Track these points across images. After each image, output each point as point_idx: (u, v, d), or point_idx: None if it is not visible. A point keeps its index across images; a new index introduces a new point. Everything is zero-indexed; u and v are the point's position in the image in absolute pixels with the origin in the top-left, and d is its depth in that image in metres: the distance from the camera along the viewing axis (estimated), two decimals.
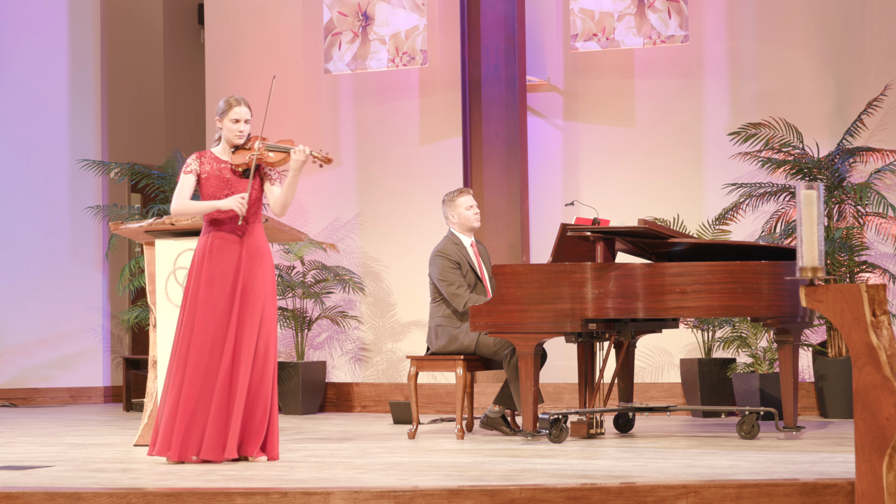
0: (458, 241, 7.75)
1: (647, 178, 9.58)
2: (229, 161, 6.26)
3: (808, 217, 4.75)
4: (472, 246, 7.78)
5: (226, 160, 6.27)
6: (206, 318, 6.12)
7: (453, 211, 7.76)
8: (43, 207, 11.44)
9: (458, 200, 7.76)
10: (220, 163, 6.26)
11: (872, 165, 8.94)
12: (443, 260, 7.66)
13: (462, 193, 7.78)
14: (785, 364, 6.98)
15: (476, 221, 7.79)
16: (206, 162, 6.25)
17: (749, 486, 4.78)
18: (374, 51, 9.91)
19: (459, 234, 7.78)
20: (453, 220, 7.77)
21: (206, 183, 6.23)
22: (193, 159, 6.27)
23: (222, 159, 6.27)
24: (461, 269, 7.66)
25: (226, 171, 6.24)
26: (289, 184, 6.22)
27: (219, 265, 6.17)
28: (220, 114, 6.26)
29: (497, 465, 5.82)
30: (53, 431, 8.33)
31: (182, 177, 6.24)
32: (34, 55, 11.50)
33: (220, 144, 6.31)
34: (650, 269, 6.88)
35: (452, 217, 7.77)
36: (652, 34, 9.30)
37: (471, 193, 7.82)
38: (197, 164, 6.25)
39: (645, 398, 9.27)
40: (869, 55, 9.22)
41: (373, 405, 10.00)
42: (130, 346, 11.92)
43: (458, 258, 7.67)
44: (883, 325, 4.61)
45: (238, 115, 6.24)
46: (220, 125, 6.28)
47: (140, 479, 5.53)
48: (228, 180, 6.23)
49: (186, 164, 6.26)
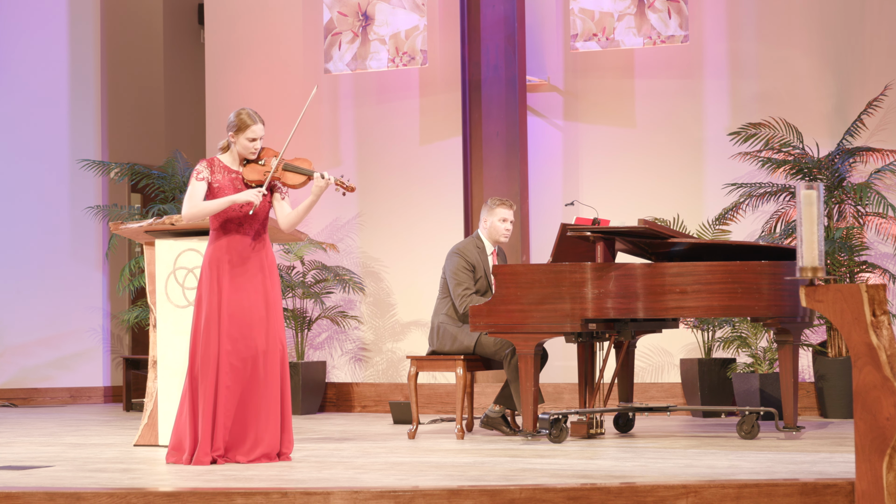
0: (481, 246, 7.76)
1: (647, 178, 9.58)
2: (240, 172, 6.22)
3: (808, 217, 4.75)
4: (493, 254, 7.79)
5: (237, 170, 6.22)
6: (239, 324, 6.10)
7: (489, 217, 7.76)
8: (43, 207, 11.44)
9: (498, 210, 7.75)
10: (230, 173, 6.20)
11: (872, 165, 8.94)
12: (460, 259, 7.67)
13: (503, 205, 7.76)
14: (785, 364, 6.98)
15: (504, 237, 7.76)
16: (217, 171, 6.19)
17: (749, 486, 4.78)
18: (374, 51, 9.91)
19: (485, 239, 7.79)
20: (485, 225, 7.78)
21: (220, 193, 6.17)
22: (204, 167, 6.19)
23: (233, 169, 6.22)
24: (475, 272, 7.67)
25: (238, 183, 6.18)
26: (306, 207, 6.19)
27: (242, 272, 6.14)
28: (235, 130, 6.16)
29: (497, 465, 5.82)
30: (53, 431, 8.33)
31: (194, 182, 6.16)
32: (34, 55, 11.49)
33: (229, 154, 6.24)
34: (650, 269, 6.89)
35: (486, 222, 7.77)
36: (652, 34, 9.30)
37: (512, 209, 7.79)
38: (208, 172, 6.18)
39: (645, 398, 9.27)
40: (869, 55, 9.22)
41: (373, 405, 10.00)
42: (130, 346, 11.92)
43: (475, 261, 7.68)
44: (883, 325, 4.61)
45: (255, 134, 6.16)
46: (234, 140, 6.18)
47: (140, 479, 5.54)
48: (238, 191, 6.19)
49: (197, 171, 6.18)
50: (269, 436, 6.13)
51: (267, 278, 6.22)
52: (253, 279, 6.18)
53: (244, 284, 6.15)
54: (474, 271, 7.66)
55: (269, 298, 6.20)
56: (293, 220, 6.24)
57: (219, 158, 6.25)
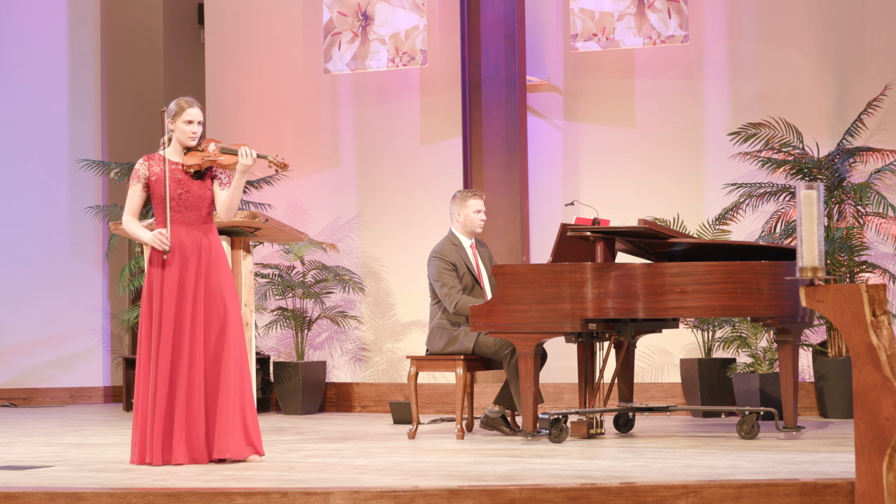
0: (458, 243, 7.75)
1: (647, 178, 9.58)
2: (181, 162, 6.24)
3: (808, 217, 4.75)
4: (471, 247, 7.78)
5: (177, 161, 6.24)
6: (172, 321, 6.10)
7: (461, 210, 7.75)
8: (43, 207, 11.43)
9: (470, 202, 7.75)
10: (171, 164, 6.23)
11: (872, 165, 8.94)
12: (439, 261, 7.66)
13: (475, 196, 7.77)
14: (785, 364, 6.98)
15: (480, 227, 7.79)
16: (156, 164, 6.21)
17: (749, 486, 4.78)
18: (374, 51, 9.91)
19: (460, 234, 7.78)
20: (458, 219, 7.77)
21: (157, 186, 6.18)
22: (142, 164, 6.21)
23: (174, 161, 6.24)
24: (457, 271, 7.66)
25: (177, 173, 6.20)
26: (234, 187, 6.19)
27: (176, 267, 6.15)
28: (172, 116, 6.21)
29: (497, 465, 5.82)
30: (53, 431, 8.33)
31: (130, 189, 6.22)
32: (34, 56, 11.49)
33: (172, 146, 6.26)
34: (650, 269, 6.88)
35: (458, 216, 7.76)
36: (652, 34, 9.30)
37: (483, 199, 7.82)
38: (145, 168, 6.20)
39: (645, 398, 9.27)
40: (869, 55, 9.22)
41: (373, 405, 10.00)
42: (130, 346, 11.91)
43: (454, 260, 7.67)
44: (883, 325, 4.61)
45: (191, 117, 6.20)
46: (172, 127, 6.22)
47: (140, 479, 5.53)
48: (180, 181, 6.19)
49: (134, 170, 6.21)
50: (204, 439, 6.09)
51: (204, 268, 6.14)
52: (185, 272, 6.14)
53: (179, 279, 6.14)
54: (456, 269, 7.65)
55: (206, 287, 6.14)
56: (226, 206, 6.23)
57: (160, 153, 6.26)
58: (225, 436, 6.06)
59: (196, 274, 6.15)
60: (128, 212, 6.23)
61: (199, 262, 6.17)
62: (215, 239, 6.26)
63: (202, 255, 6.18)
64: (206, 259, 6.18)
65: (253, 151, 6.19)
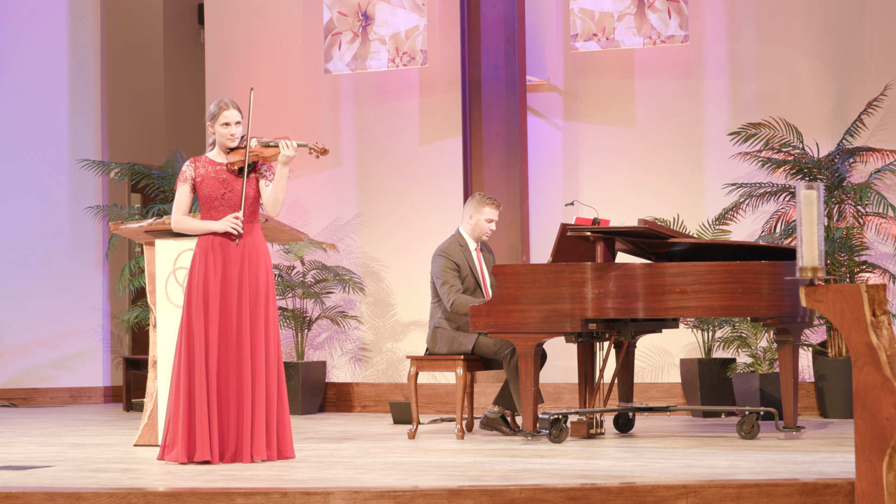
0: (464, 244, 7.75)
1: (647, 178, 9.58)
2: (224, 163, 6.29)
3: (808, 217, 4.75)
4: (476, 251, 7.78)
5: (221, 162, 6.29)
6: (215, 320, 6.12)
7: (475, 213, 7.75)
8: (43, 208, 11.43)
9: (486, 209, 7.74)
10: (215, 165, 6.29)
11: (872, 165, 8.94)
12: (444, 259, 7.66)
13: (492, 204, 7.75)
14: (785, 364, 6.98)
15: (486, 236, 7.80)
16: (201, 166, 6.28)
17: (749, 486, 4.78)
18: (374, 51, 9.91)
19: (467, 236, 7.78)
20: (469, 221, 7.77)
21: (202, 186, 6.25)
22: (188, 166, 6.30)
23: (217, 162, 6.29)
24: (461, 271, 7.66)
25: (222, 173, 6.26)
26: (277, 178, 6.26)
27: (220, 267, 6.18)
28: (211, 119, 6.29)
29: (497, 465, 5.82)
30: (53, 431, 8.33)
31: (178, 189, 6.29)
32: (34, 55, 11.49)
33: (215, 149, 6.34)
34: (650, 269, 6.88)
35: (470, 218, 7.76)
36: (652, 34, 9.30)
37: (499, 210, 7.81)
38: (191, 170, 6.28)
39: (645, 398, 9.27)
40: (869, 55, 9.22)
41: (373, 405, 10.00)
42: (130, 346, 11.92)
43: (459, 260, 7.67)
44: (883, 325, 4.61)
45: (228, 119, 6.25)
46: (213, 130, 6.30)
47: (140, 479, 5.54)
48: (225, 180, 6.26)
49: (181, 172, 6.31)
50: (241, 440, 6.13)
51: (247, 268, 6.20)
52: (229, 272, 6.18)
53: (221, 278, 6.17)
54: (459, 270, 7.65)
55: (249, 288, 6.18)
56: (272, 199, 6.27)
57: (206, 155, 6.34)
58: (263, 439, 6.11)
59: (240, 274, 6.19)
60: (178, 211, 6.28)
61: (243, 261, 6.21)
62: (259, 238, 6.30)
63: (245, 255, 6.21)
64: (248, 258, 6.22)
65: (294, 142, 6.23)
